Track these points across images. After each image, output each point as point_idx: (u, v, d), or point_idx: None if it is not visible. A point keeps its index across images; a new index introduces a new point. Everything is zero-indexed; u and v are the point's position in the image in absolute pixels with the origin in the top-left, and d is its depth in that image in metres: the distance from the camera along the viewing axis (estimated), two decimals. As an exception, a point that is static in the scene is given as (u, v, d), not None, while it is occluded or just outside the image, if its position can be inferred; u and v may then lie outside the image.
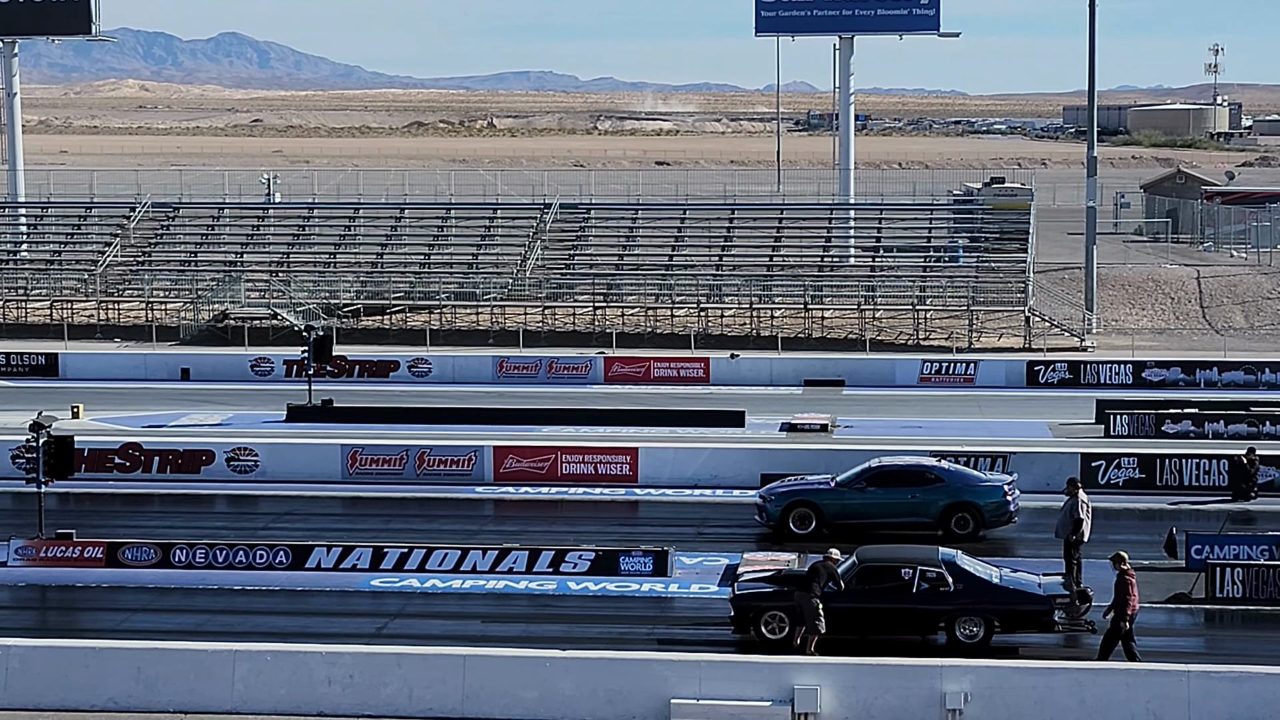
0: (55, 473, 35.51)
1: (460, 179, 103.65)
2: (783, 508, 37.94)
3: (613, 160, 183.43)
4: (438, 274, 77.45)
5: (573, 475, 43.95)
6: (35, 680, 26.91)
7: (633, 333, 72.17)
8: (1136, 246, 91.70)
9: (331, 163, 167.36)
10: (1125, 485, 42.42)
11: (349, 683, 26.74)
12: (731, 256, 78.03)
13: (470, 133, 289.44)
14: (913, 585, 29.55)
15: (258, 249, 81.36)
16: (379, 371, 62.89)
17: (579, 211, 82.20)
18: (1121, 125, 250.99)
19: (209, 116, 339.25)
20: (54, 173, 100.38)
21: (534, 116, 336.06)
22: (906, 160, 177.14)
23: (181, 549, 35.41)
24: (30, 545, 35.66)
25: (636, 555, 34.70)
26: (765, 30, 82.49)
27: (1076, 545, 32.83)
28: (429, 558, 35.00)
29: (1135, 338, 69.88)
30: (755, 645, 29.28)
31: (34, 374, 63.46)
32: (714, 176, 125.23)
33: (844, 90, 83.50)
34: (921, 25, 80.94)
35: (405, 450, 44.80)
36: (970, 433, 49.44)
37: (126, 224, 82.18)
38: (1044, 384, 60.53)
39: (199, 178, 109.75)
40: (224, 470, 44.88)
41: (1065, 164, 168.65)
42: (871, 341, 69.87)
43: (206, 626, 31.46)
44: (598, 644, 29.06)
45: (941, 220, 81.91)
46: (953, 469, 38.55)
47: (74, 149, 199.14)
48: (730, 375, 61.91)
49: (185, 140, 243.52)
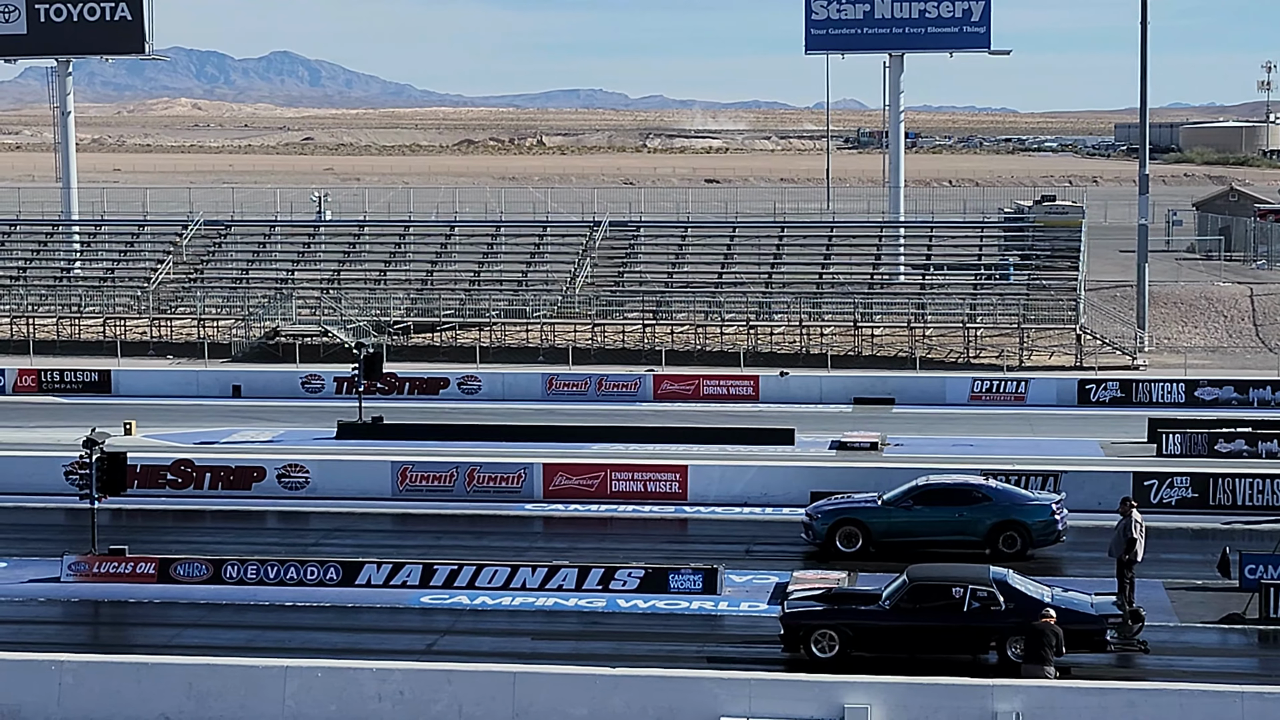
0: (108, 489, 35.72)
1: (510, 196, 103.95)
2: (829, 526, 37.84)
3: (662, 178, 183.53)
4: (488, 291, 77.62)
5: (622, 493, 43.92)
6: (87, 695, 27.03)
7: (682, 350, 72.14)
8: (1189, 264, 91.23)
9: (382, 180, 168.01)
10: (1178, 505, 42.14)
11: (399, 699, 26.77)
12: (781, 274, 77.96)
13: (520, 150, 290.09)
14: (964, 604, 29.42)
15: (309, 266, 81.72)
16: (429, 389, 63.03)
17: (628, 229, 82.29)
18: (1174, 143, 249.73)
19: (261, 135, 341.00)
20: (107, 191, 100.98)
21: (583, 134, 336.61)
22: (957, 178, 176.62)
23: (233, 565, 35.55)
24: (83, 561, 35.85)
25: (686, 573, 34.65)
26: (815, 48, 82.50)
27: (1130, 565, 32.62)
28: (479, 575, 35.03)
29: (1188, 356, 69.49)
30: (805, 664, 29.19)
31: (87, 391, 63.88)
32: (763, 194, 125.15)
33: (894, 108, 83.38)
34: (972, 43, 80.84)
35: (455, 467, 44.86)
36: (1021, 451, 49.19)
37: (179, 242, 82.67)
38: (1096, 402, 60.26)
39: (251, 196, 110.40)
40: (275, 487, 45.02)
41: (1117, 181, 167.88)
42: (922, 359, 69.68)
43: (257, 642, 31.55)
44: (647, 661, 29.02)
45: (992, 238, 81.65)
46: (1000, 487, 38.39)
47: (127, 167, 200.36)
48: (780, 393, 61.81)
49: (237, 158, 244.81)
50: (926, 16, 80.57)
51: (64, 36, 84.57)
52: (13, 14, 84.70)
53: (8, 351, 74.19)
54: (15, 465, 45.86)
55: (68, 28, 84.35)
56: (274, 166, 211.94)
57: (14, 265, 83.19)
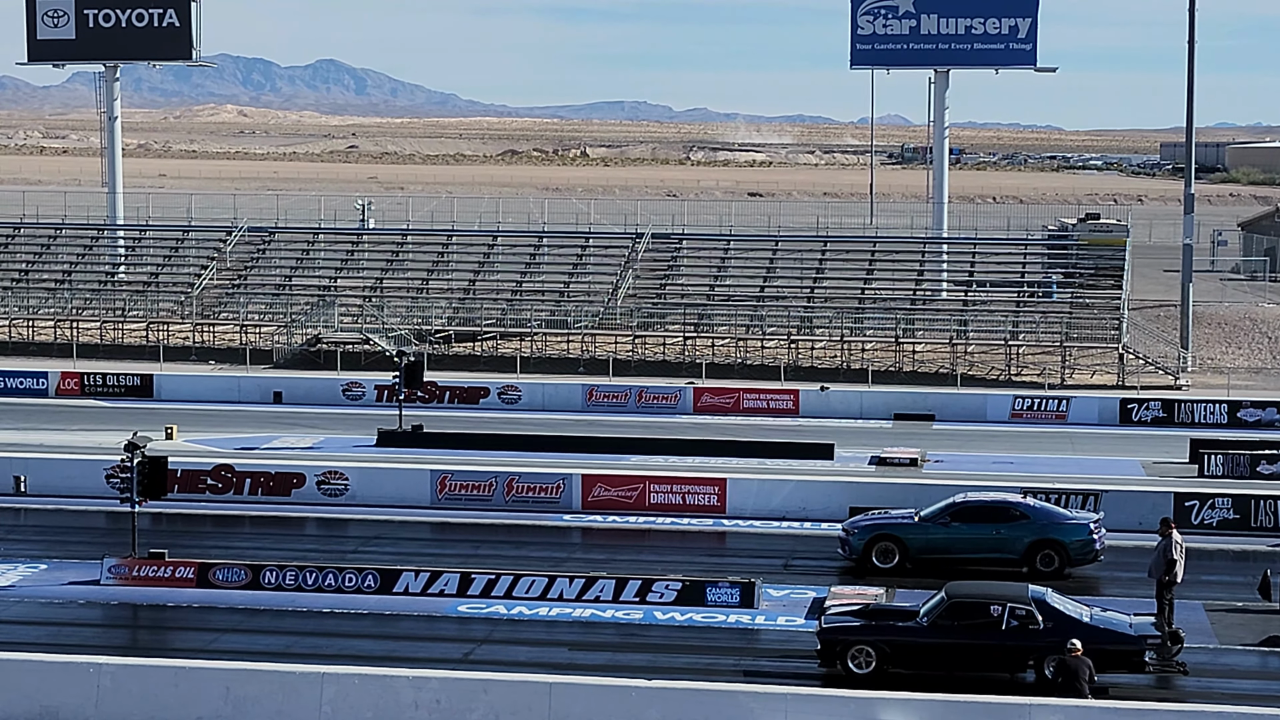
0: (149, 493, 35.85)
1: (553, 207, 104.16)
2: (866, 541, 37.75)
3: (705, 190, 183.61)
4: (529, 301, 77.72)
5: (661, 505, 43.92)
6: (126, 698, 27.14)
7: (723, 363, 72.12)
8: (1233, 285, 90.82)
9: (426, 189, 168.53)
10: (1219, 526, 41.92)
11: (435, 707, 26.79)
12: (823, 289, 77.85)
13: (564, 161, 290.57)
14: (1002, 622, 29.30)
15: (351, 274, 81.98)
16: (469, 398, 63.12)
17: (671, 241, 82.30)
18: (1219, 162, 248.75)
19: (306, 142, 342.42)
20: (153, 196, 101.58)
21: (627, 146, 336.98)
22: (1000, 195, 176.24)
23: (271, 571, 35.66)
24: (123, 564, 36.01)
25: (724, 586, 34.61)
26: (861, 63, 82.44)
27: (1169, 586, 32.47)
28: (516, 584, 35.07)
29: (1231, 377, 69.13)
30: (841, 680, 29.11)
31: (129, 395, 64.19)
32: (806, 208, 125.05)
33: (939, 124, 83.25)
34: (1018, 59, 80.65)
35: (494, 477, 44.90)
36: (1062, 470, 49.01)
37: (223, 247, 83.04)
38: (1137, 422, 59.98)
39: (295, 202, 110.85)
40: (314, 493, 45.13)
41: (1162, 201, 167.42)
42: (963, 376, 69.49)
43: (295, 648, 31.61)
44: (684, 674, 29.01)
45: (1035, 255, 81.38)
46: (1038, 505, 38.23)
47: (172, 173, 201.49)
48: (820, 408, 61.72)
49: (282, 165, 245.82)
50: (973, 33, 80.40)
51: (112, 42, 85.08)
52: (62, 19, 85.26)
53: (51, 354, 74.66)
54: (57, 467, 46.12)
55: (116, 33, 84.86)
56: (318, 174, 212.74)
57: (59, 269, 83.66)
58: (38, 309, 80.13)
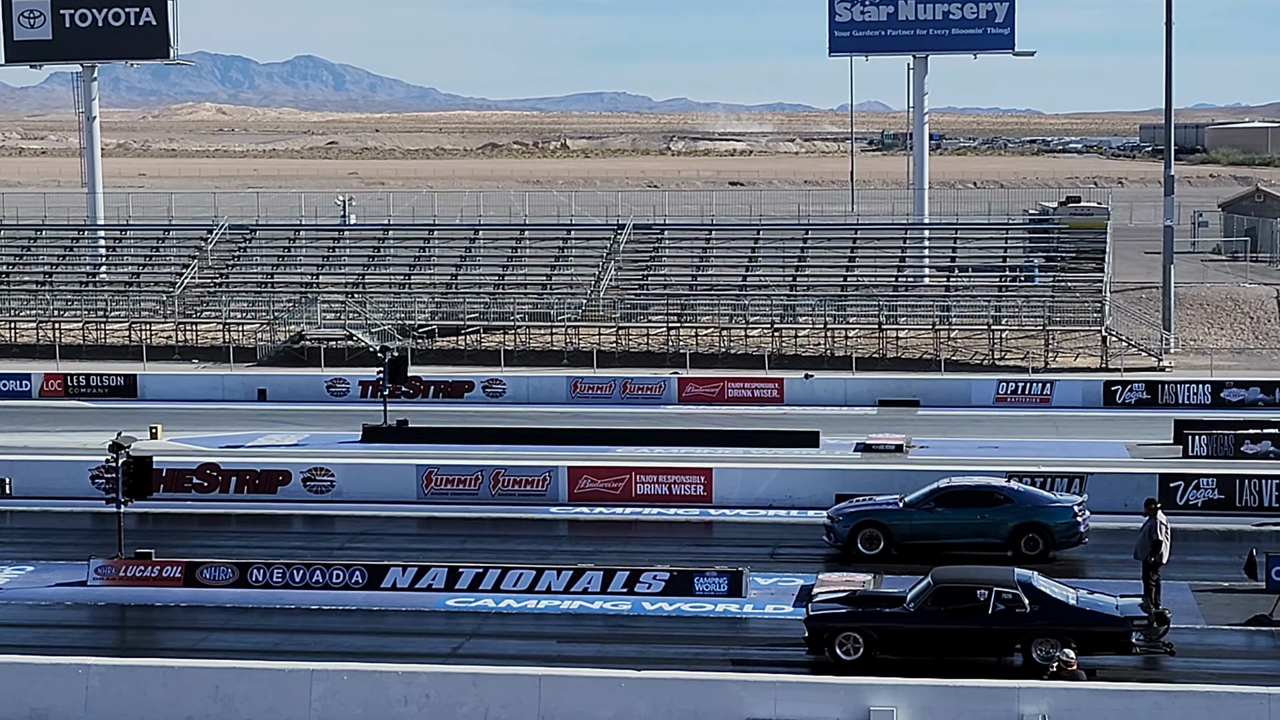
0: (134, 493, 35.81)
1: (534, 200, 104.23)
2: (851, 528, 37.80)
3: (686, 181, 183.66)
4: (512, 294, 77.67)
5: (647, 496, 43.96)
6: (114, 699, 27.12)
7: (707, 353, 72.16)
8: (1215, 265, 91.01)
9: (406, 184, 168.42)
10: (1204, 506, 42.02)
11: (425, 702, 26.81)
12: (806, 276, 77.89)
13: (544, 154, 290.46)
14: (989, 606, 29.37)
15: (333, 270, 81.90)
16: (454, 392, 63.12)
17: (653, 232, 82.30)
18: (1199, 144, 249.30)
19: (285, 139, 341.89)
20: (132, 195, 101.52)
21: (607, 137, 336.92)
22: (981, 179, 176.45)
23: (259, 569, 35.64)
24: (110, 565, 35.96)
25: (711, 576, 34.66)
26: (839, 50, 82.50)
27: (1155, 567, 32.57)
28: (504, 578, 35.08)
29: (1214, 357, 69.30)
30: (830, 666, 29.16)
31: (113, 395, 64.08)
32: (788, 196, 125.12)
33: (918, 110, 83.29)
34: (996, 44, 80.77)
35: (480, 470, 44.90)
36: (1047, 453, 49.12)
37: (204, 246, 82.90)
38: (1121, 404, 60.12)
39: (275, 200, 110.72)
40: (300, 490, 45.10)
41: (1142, 183, 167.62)
42: (947, 361, 69.60)
43: (283, 646, 31.63)
44: (673, 664, 29.09)
45: (1017, 239, 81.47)
46: (1022, 489, 38.31)
47: (152, 172, 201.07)
48: (805, 395, 61.77)
49: (262, 163, 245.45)
50: (950, 18, 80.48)
51: (89, 42, 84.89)
52: (38, 20, 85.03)
53: (34, 356, 74.54)
54: (42, 469, 46.09)
55: (93, 33, 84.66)
56: (298, 171, 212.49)
57: (40, 270, 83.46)
58: (19, 311, 79.97)
